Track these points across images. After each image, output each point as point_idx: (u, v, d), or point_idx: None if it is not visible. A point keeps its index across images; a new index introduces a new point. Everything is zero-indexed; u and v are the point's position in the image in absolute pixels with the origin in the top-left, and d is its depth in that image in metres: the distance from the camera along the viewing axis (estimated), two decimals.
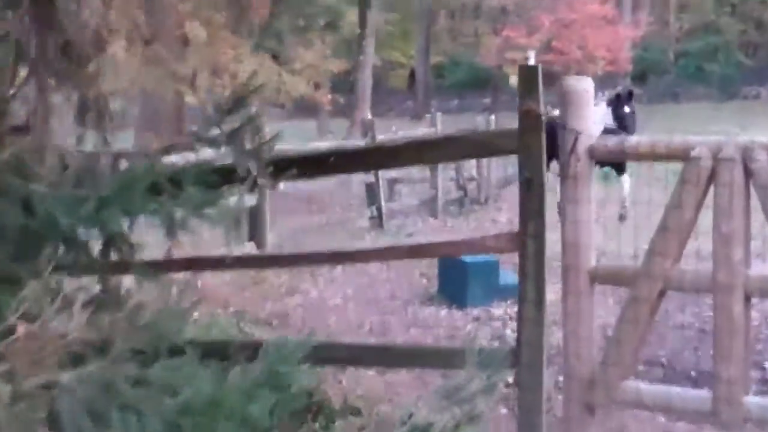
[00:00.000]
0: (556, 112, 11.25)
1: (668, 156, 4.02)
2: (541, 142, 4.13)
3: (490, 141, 4.44)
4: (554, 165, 4.43)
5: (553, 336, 5.01)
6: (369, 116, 12.76)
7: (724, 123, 32.51)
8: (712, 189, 3.88)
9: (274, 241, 9.83)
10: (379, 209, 12.24)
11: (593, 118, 4.25)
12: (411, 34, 51.97)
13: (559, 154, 4.30)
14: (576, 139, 4.11)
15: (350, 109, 33.57)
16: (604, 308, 5.58)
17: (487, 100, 44.27)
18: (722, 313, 3.80)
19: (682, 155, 3.92)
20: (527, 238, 4.18)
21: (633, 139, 4.46)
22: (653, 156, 4.08)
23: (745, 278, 3.74)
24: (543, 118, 4.11)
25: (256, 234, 9.29)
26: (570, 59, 36.01)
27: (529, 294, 4.16)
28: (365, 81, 33.54)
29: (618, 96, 12.62)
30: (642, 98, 48.37)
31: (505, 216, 15.22)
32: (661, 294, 3.92)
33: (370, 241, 11.22)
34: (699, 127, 31.89)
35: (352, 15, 40.02)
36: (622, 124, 11.95)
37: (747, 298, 3.78)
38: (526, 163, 4.18)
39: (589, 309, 4.10)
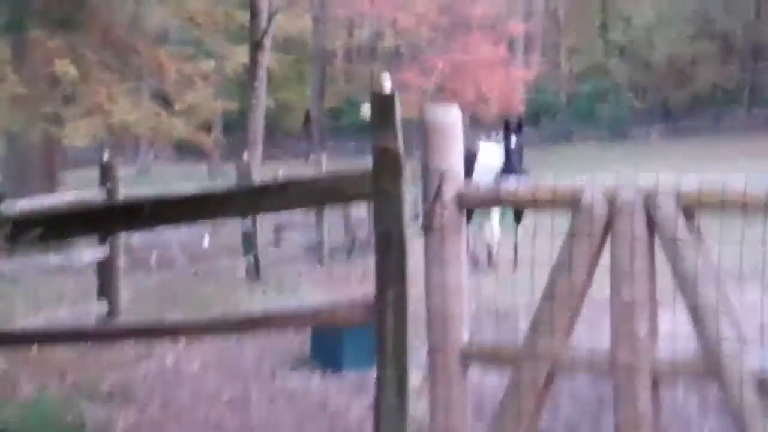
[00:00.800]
0: (513, 138, 10.45)
1: (554, 203, 3.23)
2: (400, 187, 3.32)
3: (339, 186, 3.60)
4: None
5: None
6: (245, 158, 11.82)
7: (616, 163, 32.67)
8: (608, 245, 3.11)
9: (131, 298, 8.80)
10: (256, 258, 11.25)
11: (460, 158, 3.45)
12: (306, 76, 51.28)
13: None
14: (441, 183, 3.30)
15: (242, 152, 32.45)
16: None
17: None
18: (624, 400, 3.01)
19: (571, 202, 3.15)
20: (385, 308, 3.35)
21: (511, 183, 3.64)
22: (536, 203, 3.29)
23: (651, 359, 2.96)
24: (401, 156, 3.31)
25: (106, 291, 8.24)
26: (463, 100, 35.69)
27: (388, 378, 3.32)
28: (257, 123, 32.37)
29: (506, 124, 12.32)
30: (535, 139, 48.94)
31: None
32: (549, 379, 3.11)
33: (243, 294, 10.25)
34: (592, 168, 31.99)
35: (243, 55, 39.10)
36: (507, 160, 11.75)
37: (655, 383, 2.99)
38: (382, 213, 3.36)
39: (460, 397, 3.26)
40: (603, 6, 56.59)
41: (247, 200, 3.79)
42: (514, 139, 11.81)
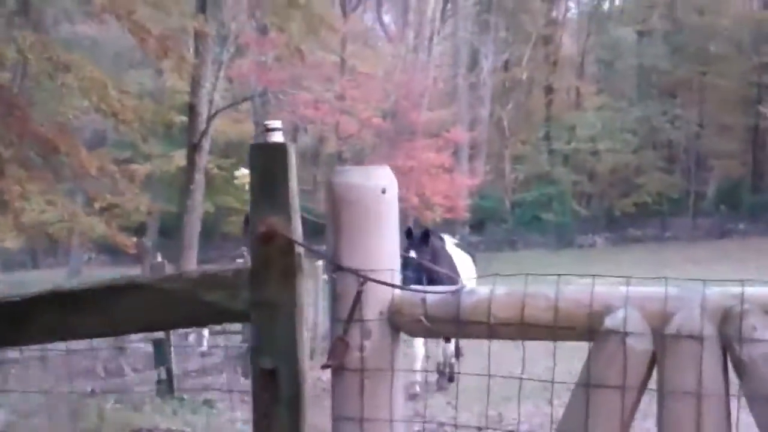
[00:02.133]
0: (411, 253, 8.69)
1: (553, 329, 2.00)
2: (294, 296, 2.06)
3: (192, 294, 2.30)
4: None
5: None
6: (159, 259, 10.40)
7: (563, 269, 31.77)
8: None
9: (8, 420, 7.31)
10: (168, 371, 9.76)
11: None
12: (246, 180, 50.10)
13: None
14: (360, 293, 2.03)
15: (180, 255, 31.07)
16: None
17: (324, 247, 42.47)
18: None
19: (586, 326, 1.91)
20: None
21: (481, 292, 2.35)
22: (525, 329, 2.06)
23: None
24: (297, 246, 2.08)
25: None
26: (408, 205, 34.83)
27: None
28: (192, 226, 31.12)
29: (408, 233, 10.69)
30: (480, 246, 48.23)
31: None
32: None
33: (149, 411, 8.77)
34: (539, 273, 31.08)
35: (182, 158, 38.08)
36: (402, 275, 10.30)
37: None
38: (264, 337, 2.06)
39: None
40: (547, 115, 56.85)
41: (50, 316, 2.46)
42: (412, 253, 10.03)
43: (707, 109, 52.63)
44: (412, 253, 9.96)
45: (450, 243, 12.53)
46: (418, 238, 10.50)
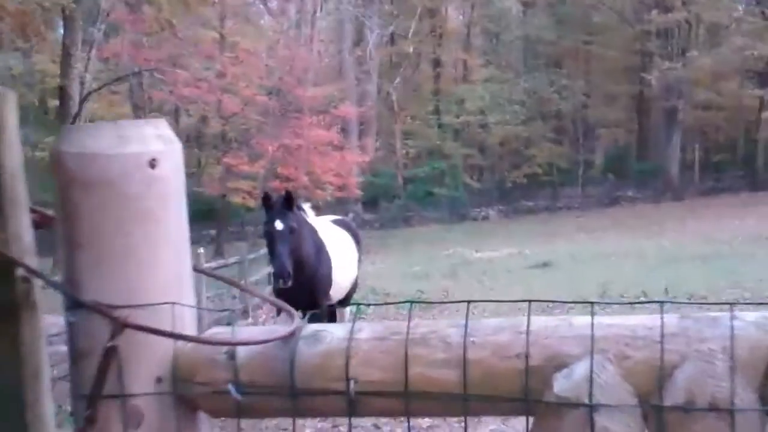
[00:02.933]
0: (277, 224, 8.56)
1: (463, 396, 1.08)
2: (17, 349, 1.08)
3: None
4: None
5: None
6: None
7: (457, 244, 31.42)
8: None
9: None
10: None
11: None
12: None
13: None
14: (115, 348, 1.06)
15: None
16: None
17: (213, 232, 41.14)
18: None
19: (519, 392, 1.00)
20: None
21: (334, 335, 1.36)
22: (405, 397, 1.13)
23: None
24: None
25: None
26: (298, 185, 33.76)
27: None
28: None
29: (265, 198, 8.80)
30: (374, 223, 47.65)
31: None
32: None
33: None
34: (433, 249, 30.64)
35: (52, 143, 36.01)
36: (271, 256, 8.64)
37: None
38: None
39: None
40: (436, 89, 56.45)
41: None
42: (278, 224, 8.40)
43: (593, 78, 53.08)
44: (278, 224, 8.43)
45: (326, 219, 11.06)
46: (280, 203, 8.62)
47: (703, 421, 1.06)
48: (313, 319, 1.47)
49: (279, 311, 9.22)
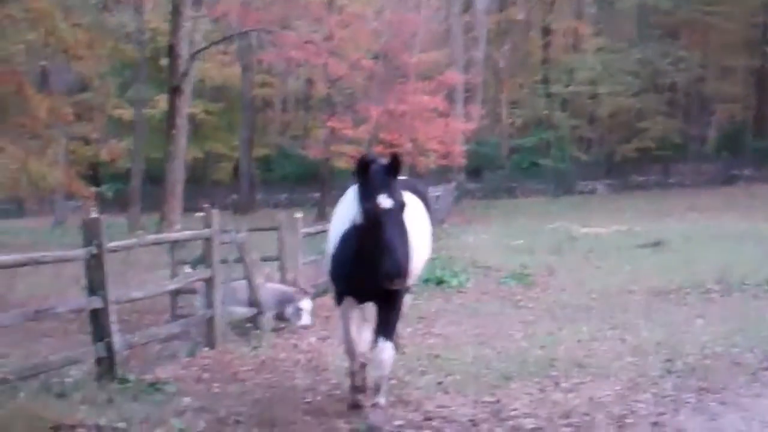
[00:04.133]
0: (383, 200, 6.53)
1: None
2: None
3: None
4: None
5: None
6: (94, 214, 8.87)
7: (562, 218, 30.63)
8: None
9: None
10: (109, 347, 8.25)
11: None
12: (236, 126, 48.69)
13: None
14: None
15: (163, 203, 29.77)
16: None
17: (317, 195, 41.18)
18: None
19: None
20: None
21: None
22: None
23: None
24: None
25: None
26: (401, 152, 33.31)
27: None
28: (175, 173, 29.67)
29: (362, 162, 6.74)
30: (476, 193, 47.04)
31: (316, 335, 11.68)
32: None
33: (78, 401, 7.36)
34: (537, 222, 29.91)
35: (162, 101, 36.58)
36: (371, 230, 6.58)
37: None
38: None
39: None
40: (545, 58, 55.20)
41: None
42: (385, 199, 6.52)
43: (710, 51, 50.93)
44: (385, 200, 6.51)
45: None
46: (382, 171, 6.66)
47: None
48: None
49: (340, 297, 7.47)
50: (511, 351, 10.12)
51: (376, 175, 6.65)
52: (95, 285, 8.34)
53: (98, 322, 8.37)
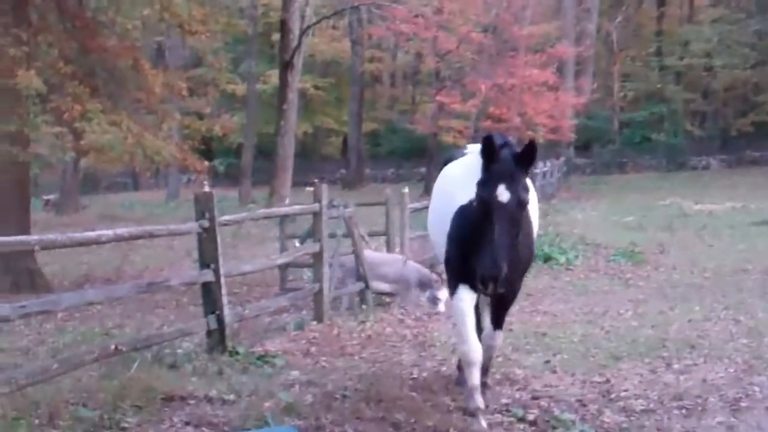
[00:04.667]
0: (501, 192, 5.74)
1: None
2: None
3: None
4: None
5: None
6: (207, 188, 9.02)
7: (675, 194, 29.93)
8: None
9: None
10: (220, 320, 8.41)
11: None
12: (345, 101, 49.06)
13: None
14: None
15: (272, 177, 30.37)
16: None
17: (423, 170, 41.23)
18: None
19: None
20: None
21: None
22: None
23: None
24: None
25: None
26: (509, 126, 33.11)
27: None
28: (286, 147, 30.22)
29: (487, 141, 5.91)
30: (586, 168, 46.29)
31: (422, 310, 11.73)
32: None
33: (189, 372, 7.55)
34: (648, 199, 29.31)
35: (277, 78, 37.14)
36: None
37: None
38: None
39: None
40: (659, 29, 53.79)
41: None
42: (504, 192, 5.74)
43: None
44: (503, 193, 5.77)
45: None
46: (511, 157, 5.92)
47: None
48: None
49: (455, 285, 6.53)
50: (621, 330, 9.97)
51: (504, 162, 5.88)
52: (207, 258, 8.53)
53: (209, 295, 8.57)
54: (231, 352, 8.45)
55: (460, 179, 6.54)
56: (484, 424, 6.29)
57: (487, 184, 5.86)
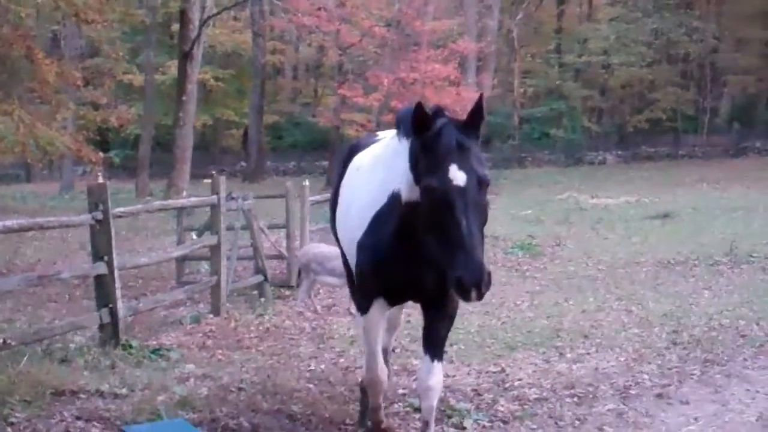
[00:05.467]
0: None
1: None
2: None
3: None
4: None
5: None
6: (101, 180, 8.80)
7: (572, 189, 30.52)
8: None
9: None
10: (113, 313, 8.20)
11: None
12: (246, 92, 48.50)
13: None
14: None
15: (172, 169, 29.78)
16: None
17: (326, 162, 41.14)
18: None
19: None
20: None
21: None
22: None
23: None
24: None
25: None
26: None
27: None
28: (185, 139, 29.70)
29: (421, 112, 4.66)
30: (487, 163, 46.49)
31: (321, 303, 11.71)
32: None
33: (80, 366, 7.35)
34: (547, 193, 29.82)
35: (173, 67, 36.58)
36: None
37: None
38: None
39: None
40: (558, 27, 54.82)
41: None
42: (460, 174, 4.51)
43: (725, 21, 50.39)
44: (459, 176, 4.51)
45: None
46: (461, 128, 4.68)
47: None
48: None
49: (369, 300, 5.45)
50: (517, 321, 10.12)
51: (446, 134, 4.60)
52: (100, 251, 8.31)
53: (103, 288, 8.36)
54: (124, 345, 8.26)
55: (378, 170, 5.25)
56: None
57: (432, 167, 4.53)
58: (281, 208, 14.70)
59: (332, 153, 38.29)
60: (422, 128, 4.65)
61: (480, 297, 4.34)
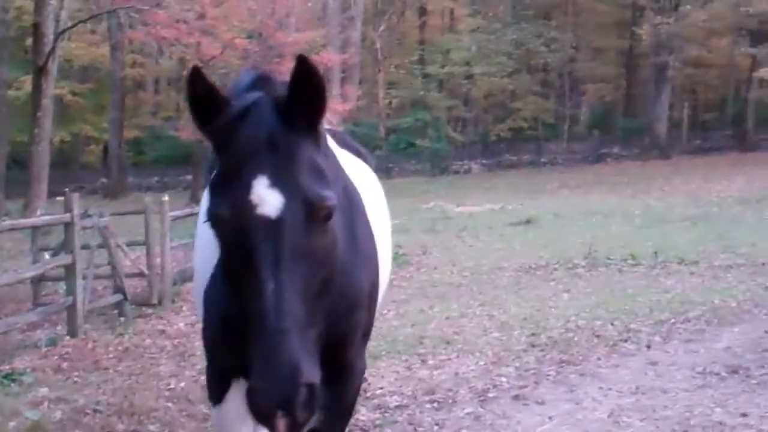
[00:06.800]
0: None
1: None
2: None
3: None
4: None
5: None
6: None
7: (438, 198, 30.90)
8: None
9: None
10: None
11: None
12: (105, 107, 47.27)
13: None
14: None
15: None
16: None
17: (189, 177, 40.46)
18: None
19: None
20: None
21: None
22: None
23: None
24: None
25: None
26: None
27: None
28: (41, 156, 28.65)
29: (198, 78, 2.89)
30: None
31: (184, 320, 11.44)
32: None
33: None
34: (414, 202, 30.10)
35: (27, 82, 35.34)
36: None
37: None
38: None
39: None
40: (421, 39, 55.55)
41: None
42: (268, 199, 2.77)
43: (582, 32, 52.17)
44: (266, 192, 2.72)
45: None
46: (277, 107, 2.98)
47: None
48: None
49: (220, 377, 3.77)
50: (382, 330, 10.10)
51: (252, 120, 2.93)
52: None
53: None
54: None
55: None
56: None
57: (223, 182, 2.84)
58: (142, 225, 14.33)
59: (195, 167, 37.67)
60: (207, 109, 2.85)
61: (294, 425, 2.59)
